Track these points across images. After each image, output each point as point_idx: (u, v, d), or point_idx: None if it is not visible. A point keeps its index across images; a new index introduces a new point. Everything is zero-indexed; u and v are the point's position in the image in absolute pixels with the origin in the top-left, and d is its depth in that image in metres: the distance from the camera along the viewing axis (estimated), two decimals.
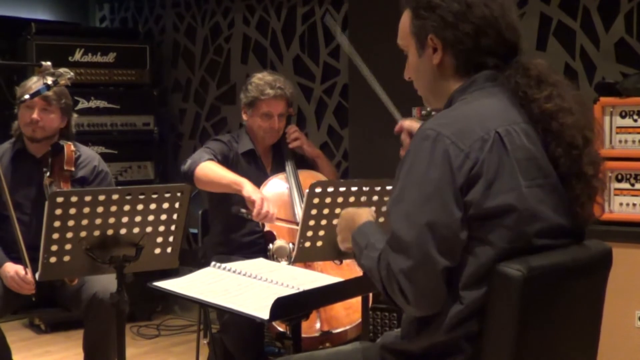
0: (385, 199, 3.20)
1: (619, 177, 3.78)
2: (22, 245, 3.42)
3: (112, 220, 3.02)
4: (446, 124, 1.93)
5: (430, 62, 2.08)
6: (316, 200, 3.23)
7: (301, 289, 2.52)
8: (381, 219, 3.25)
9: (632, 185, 3.77)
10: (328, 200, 3.24)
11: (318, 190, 3.22)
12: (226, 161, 4.08)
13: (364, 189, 3.27)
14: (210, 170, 3.90)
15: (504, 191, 1.88)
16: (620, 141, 3.78)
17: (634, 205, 3.77)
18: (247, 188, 3.78)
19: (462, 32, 2.01)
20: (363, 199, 3.28)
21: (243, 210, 3.79)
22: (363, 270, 2.11)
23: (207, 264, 2.87)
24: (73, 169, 3.91)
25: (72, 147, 3.92)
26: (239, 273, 2.64)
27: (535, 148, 1.96)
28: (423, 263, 1.86)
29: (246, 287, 2.54)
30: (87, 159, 4.06)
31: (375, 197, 3.25)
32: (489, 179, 1.87)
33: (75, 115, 4.14)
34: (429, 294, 1.90)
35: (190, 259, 4.22)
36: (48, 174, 3.85)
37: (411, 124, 2.51)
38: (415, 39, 2.10)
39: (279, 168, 4.18)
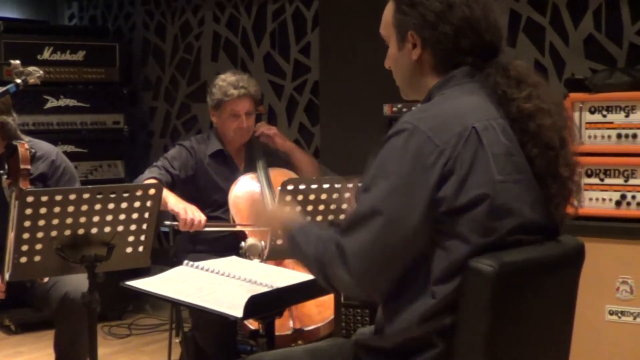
0: None
1: (589, 172, 3.81)
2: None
3: (83, 219, 3.00)
4: (424, 118, 1.94)
5: (410, 56, 2.09)
6: (288, 198, 3.24)
7: (275, 287, 2.51)
8: None
9: (602, 180, 3.79)
10: (300, 197, 3.24)
11: (290, 187, 3.23)
12: (185, 168, 4.10)
13: (336, 185, 3.27)
14: None
15: (477, 186, 1.88)
16: (589, 137, 3.81)
17: (604, 200, 3.80)
18: (171, 201, 3.85)
19: (442, 33, 2.02)
20: (335, 195, 3.28)
21: (168, 223, 3.85)
22: (304, 262, 2.13)
23: (178, 263, 2.86)
24: (29, 167, 3.84)
25: (26, 146, 3.83)
26: (212, 271, 2.63)
27: (512, 144, 1.97)
28: (374, 250, 1.90)
29: (219, 285, 2.53)
30: (44, 154, 3.99)
31: (347, 194, 3.25)
32: (462, 175, 1.88)
33: (13, 115, 3.90)
34: (373, 279, 1.94)
35: (162, 257, 4.20)
36: (5, 176, 3.79)
37: None
38: (396, 32, 2.11)
39: (252, 167, 4.18)
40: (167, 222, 3.86)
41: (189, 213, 3.78)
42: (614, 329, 3.66)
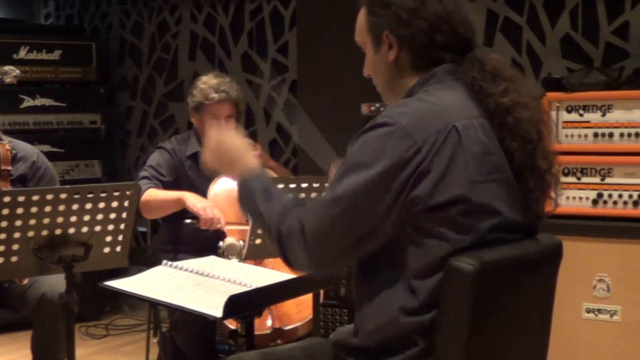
0: None
1: (566, 171, 3.83)
2: None
3: (60, 219, 2.99)
4: (406, 113, 1.93)
5: (387, 58, 2.08)
6: None
7: (254, 286, 2.51)
8: None
9: (579, 179, 3.82)
10: None
11: None
12: (171, 171, 4.09)
13: (314, 185, 3.27)
14: (152, 200, 3.92)
15: (455, 185, 1.88)
16: (566, 135, 3.84)
17: (580, 198, 3.82)
18: (190, 200, 3.84)
19: (416, 29, 2.02)
20: (313, 194, 3.28)
21: (188, 221, 3.87)
22: (250, 213, 2.13)
23: (156, 263, 2.85)
24: (10, 168, 3.82)
25: (7, 146, 3.82)
26: (191, 271, 2.63)
27: (492, 143, 1.97)
28: (334, 234, 1.93)
29: (198, 285, 2.53)
30: (25, 155, 3.95)
31: (324, 193, 3.25)
32: (439, 174, 1.87)
33: None
34: (330, 258, 1.98)
35: (140, 257, 4.19)
36: None
37: None
38: (371, 35, 2.11)
39: None
40: (188, 220, 3.85)
41: (208, 212, 3.78)
42: (590, 326, 3.69)
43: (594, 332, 3.68)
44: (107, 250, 3.17)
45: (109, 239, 3.15)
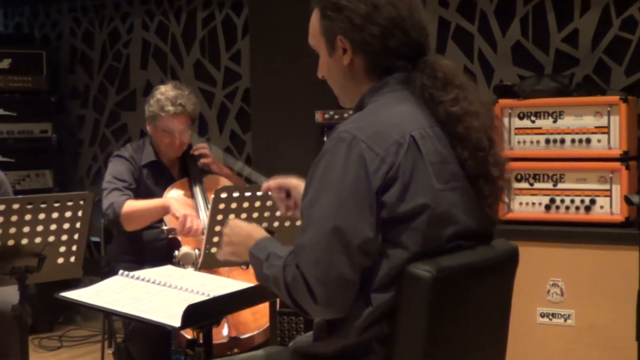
0: None
1: (518, 177, 3.87)
2: None
3: (12, 230, 2.95)
4: (361, 127, 1.93)
5: (341, 62, 2.08)
6: (222, 206, 3.23)
7: (212, 295, 2.50)
8: (287, 223, 3.28)
9: (531, 184, 3.86)
10: (234, 205, 3.24)
11: (224, 195, 3.22)
12: (133, 178, 4.05)
13: (269, 193, 3.26)
14: (135, 210, 3.87)
15: (418, 195, 1.89)
16: (518, 142, 3.88)
17: (533, 204, 3.86)
18: (174, 206, 3.79)
19: (370, 34, 2.02)
20: (269, 203, 3.28)
21: (166, 228, 3.84)
22: (265, 283, 2.06)
23: (111, 273, 2.82)
24: None
25: None
26: (148, 281, 2.60)
27: (447, 151, 1.98)
28: (332, 267, 1.87)
29: (155, 295, 2.50)
30: None
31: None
32: (404, 183, 1.88)
33: None
34: (338, 296, 1.90)
35: (93, 268, 4.14)
36: None
37: (280, 181, 2.46)
38: (325, 39, 2.10)
39: (186, 175, 4.14)
40: (165, 227, 3.82)
41: (188, 221, 3.73)
42: (545, 331, 3.72)
43: (548, 336, 3.72)
44: (60, 260, 3.13)
45: (62, 249, 3.12)
